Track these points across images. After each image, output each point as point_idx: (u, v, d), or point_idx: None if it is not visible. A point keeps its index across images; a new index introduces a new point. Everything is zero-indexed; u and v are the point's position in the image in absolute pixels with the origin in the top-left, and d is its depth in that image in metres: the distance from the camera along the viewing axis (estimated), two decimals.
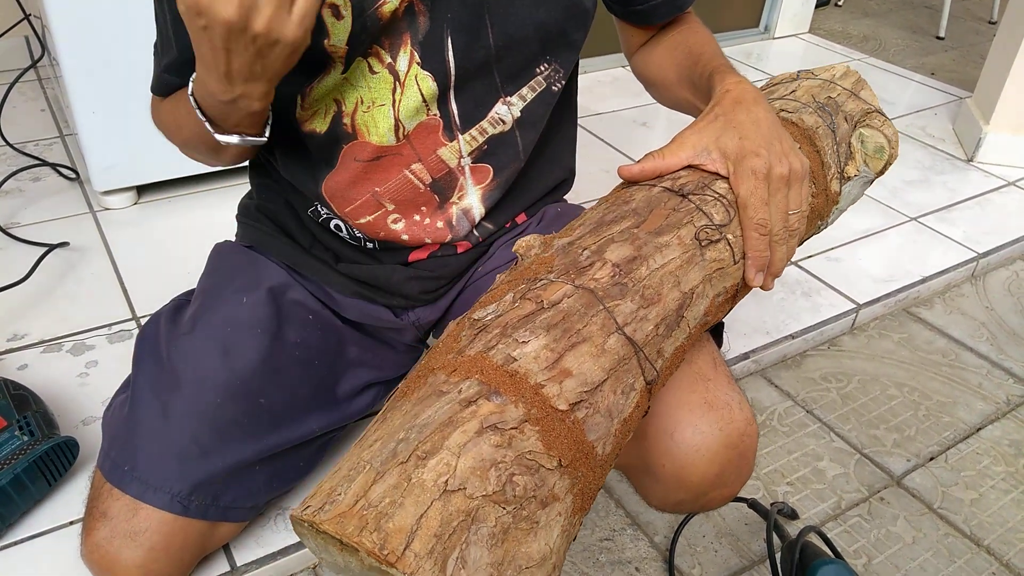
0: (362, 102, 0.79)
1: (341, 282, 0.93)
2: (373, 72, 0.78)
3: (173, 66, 0.82)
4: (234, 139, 0.75)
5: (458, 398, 0.53)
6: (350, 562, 0.49)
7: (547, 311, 0.59)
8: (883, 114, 0.88)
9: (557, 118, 0.92)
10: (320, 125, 0.81)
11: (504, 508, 0.49)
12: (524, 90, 0.84)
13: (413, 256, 0.90)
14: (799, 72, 0.93)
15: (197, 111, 0.73)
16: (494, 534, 0.48)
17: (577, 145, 1.01)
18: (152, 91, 0.88)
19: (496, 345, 0.56)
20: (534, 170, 0.92)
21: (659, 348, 0.62)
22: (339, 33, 0.74)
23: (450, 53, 0.78)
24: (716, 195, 0.70)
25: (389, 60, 0.77)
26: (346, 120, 0.80)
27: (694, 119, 0.77)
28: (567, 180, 1.00)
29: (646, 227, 0.66)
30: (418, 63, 0.78)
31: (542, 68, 0.84)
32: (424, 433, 0.51)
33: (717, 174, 0.71)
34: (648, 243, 0.64)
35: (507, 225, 0.93)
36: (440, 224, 0.87)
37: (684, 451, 0.75)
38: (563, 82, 0.87)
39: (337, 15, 0.73)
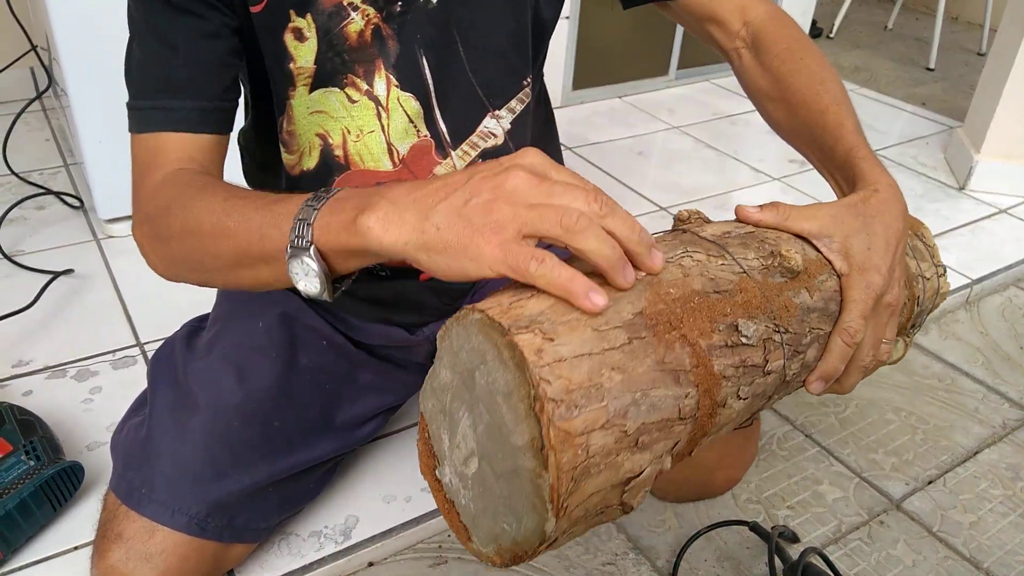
0: (349, 132, 0.81)
1: (356, 307, 0.95)
2: (352, 101, 0.80)
3: (171, 85, 0.71)
4: (314, 289, 0.59)
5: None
6: (491, 365, 0.50)
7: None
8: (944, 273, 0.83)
9: (545, 134, 0.94)
10: (309, 162, 0.83)
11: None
12: (513, 103, 0.85)
13: (424, 275, 0.92)
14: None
15: (309, 243, 0.57)
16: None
17: (575, 172, 1.03)
18: (146, 128, 0.72)
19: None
20: None
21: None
22: (305, 55, 0.77)
23: (427, 71, 0.80)
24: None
25: (366, 87, 0.79)
26: (338, 152, 0.82)
27: (836, 198, 0.73)
28: None
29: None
30: (396, 86, 0.80)
31: (528, 80, 0.86)
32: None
33: (830, 263, 0.67)
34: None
35: None
36: None
37: None
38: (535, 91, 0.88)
39: (300, 38, 0.76)
